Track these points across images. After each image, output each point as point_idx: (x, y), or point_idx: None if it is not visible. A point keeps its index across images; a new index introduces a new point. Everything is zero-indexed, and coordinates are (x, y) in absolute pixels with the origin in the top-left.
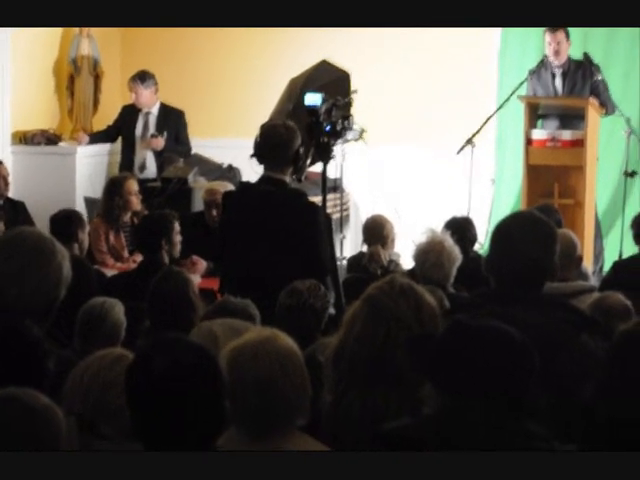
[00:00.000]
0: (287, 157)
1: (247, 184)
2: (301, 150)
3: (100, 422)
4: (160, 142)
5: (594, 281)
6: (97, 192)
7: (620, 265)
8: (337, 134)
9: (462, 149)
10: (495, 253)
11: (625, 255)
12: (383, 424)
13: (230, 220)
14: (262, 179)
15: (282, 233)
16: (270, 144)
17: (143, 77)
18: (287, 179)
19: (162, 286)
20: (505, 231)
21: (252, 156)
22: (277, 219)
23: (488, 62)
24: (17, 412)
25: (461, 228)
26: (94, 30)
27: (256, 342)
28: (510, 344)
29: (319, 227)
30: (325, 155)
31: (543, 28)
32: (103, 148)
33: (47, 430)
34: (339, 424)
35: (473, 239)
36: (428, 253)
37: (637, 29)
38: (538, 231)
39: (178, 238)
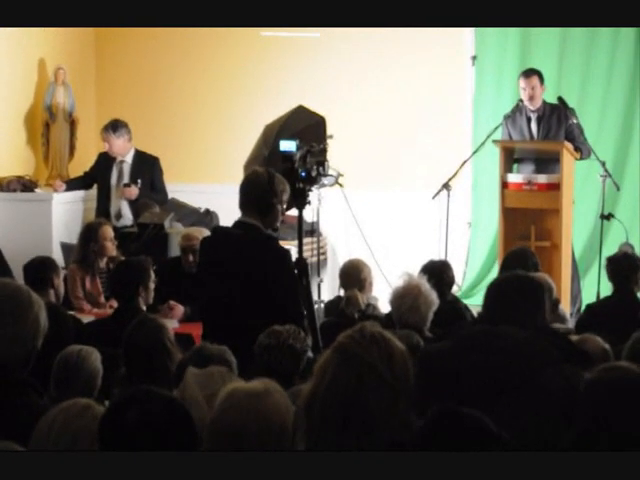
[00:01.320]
0: (250, 201)
1: (220, 228)
2: (275, 198)
3: None
4: (134, 191)
5: (572, 323)
6: (73, 238)
7: (592, 308)
8: (312, 180)
9: (438, 193)
10: (489, 314)
11: (602, 296)
12: None
13: (204, 264)
14: (235, 223)
15: (253, 277)
16: (240, 188)
17: (115, 127)
18: (259, 224)
19: (136, 334)
20: (498, 293)
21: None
22: (247, 263)
23: (463, 107)
24: None
25: (438, 271)
26: (69, 77)
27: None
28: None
29: (289, 271)
30: (300, 201)
31: (518, 72)
32: (79, 195)
33: None
34: None
35: (450, 282)
36: (404, 297)
37: (611, 74)
38: (529, 292)
39: (152, 285)
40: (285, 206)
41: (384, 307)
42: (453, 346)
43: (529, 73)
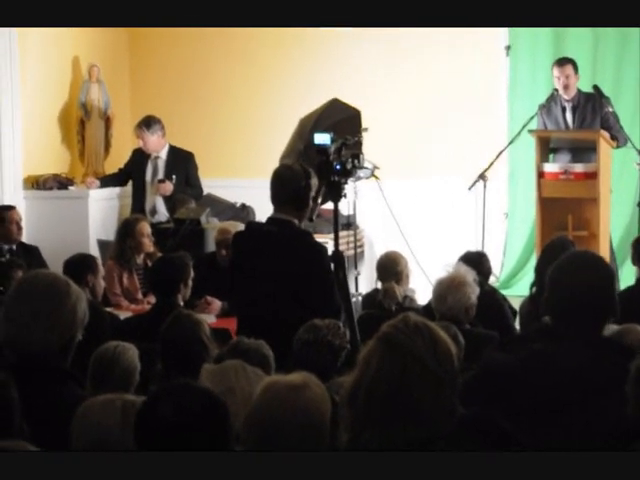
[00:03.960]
0: (285, 197)
1: (254, 224)
2: (304, 192)
3: None
4: (168, 187)
5: None
6: (110, 235)
7: (621, 296)
8: (347, 173)
9: (474, 184)
10: (553, 296)
11: None
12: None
13: (237, 261)
14: (268, 220)
15: (287, 274)
16: (272, 185)
17: (148, 123)
18: (293, 219)
19: (172, 330)
20: (563, 273)
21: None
22: (281, 260)
23: (498, 97)
24: None
25: (475, 262)
26: (103, 75)
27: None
28: None
29: (324, 266)
30: (336, 194)
31: (552, 62)
32: (115, 191)
33: None
34: None
35: (488, 273)
36: (447, 288)
37: None
38: (596, 271)
39: (191, 281)
40: (320, 199)
41: (421, 299)
42: (518, 364)
43: (563, 62)
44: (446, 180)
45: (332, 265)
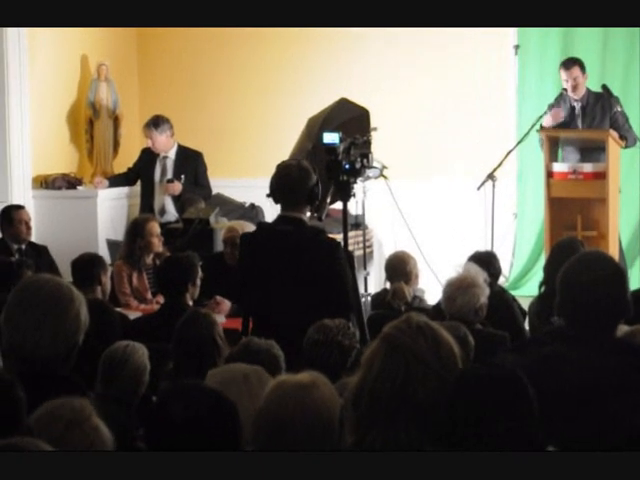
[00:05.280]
0: (301, 196)
1: (264, 224)
2: (317, 189)
3: None
4: (177, 187)
5: None
6: (119, 234)
7: (632, 296)
8: (356, 172)
9: (483, 184)
10: (564, 296)
11: None
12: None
13: (249, 262)
14: (279, 219)
15: (302, 272)
16: (284, 184)
17: (157, 123)
18: (304, 217)
19: (188, 329)
20: (573, 273)
21: (268, 196)
22: (296, 258)
23: (506, 96)
24: None
25: (485, 262)
26: (112, 73)
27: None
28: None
29: (340, 262)
30: (345, 194)
31: (560, 62)
32: (124, 191)
33: None
34: None
35: (497, 273)
36: (457, 289)
37: None
38: (607, 270)
39: (199, 281)
40: (329, 199)
41: (430, 299)
42: (530, 367)
43: (569, 64)
44: (455, 180)
45: None
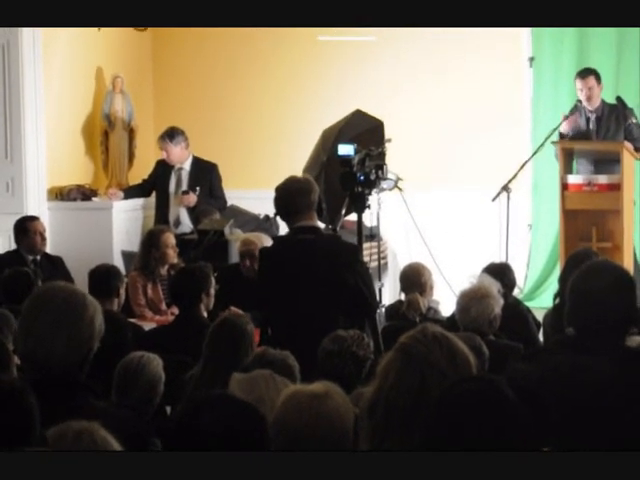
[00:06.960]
0: (312, 205)
1: (281, 237)
2: (321, 198)
3: None
4: (192, 199)
5: None
6: (134, 246)
7: None
8: (371, 184)
9: (498, 195)
10: (573, 305)
11: None
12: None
13: (271, 275)
14: (295, 230)
15: (328, 276)
16: (296, 196)
17: (172, 135)
18: (319, 225)
19: (221, 334)
20: (582, 282)
21: (276, 215)
22: (321, 263)
23: (521, 108)
24: None
25: (500, 274)
26: (127, 85)
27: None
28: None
29: (363, 264)
30: (360, 205)
31: (575, 72)
32: (139, 203)
33: None
34: None
35: (512, 285)
36: (471, 300)
37: None
38: (614, 278)
39: (213, 291)
40: (344, 210)
41: (445, 310)
42: (541, 376)
43: (585, 74)
44: (469, 191)
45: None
